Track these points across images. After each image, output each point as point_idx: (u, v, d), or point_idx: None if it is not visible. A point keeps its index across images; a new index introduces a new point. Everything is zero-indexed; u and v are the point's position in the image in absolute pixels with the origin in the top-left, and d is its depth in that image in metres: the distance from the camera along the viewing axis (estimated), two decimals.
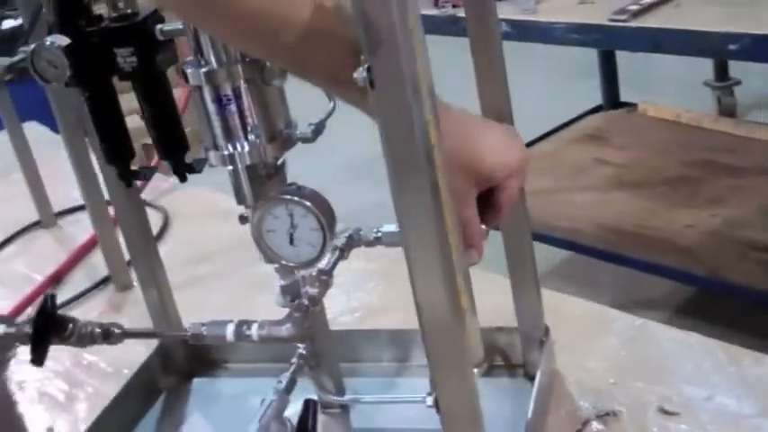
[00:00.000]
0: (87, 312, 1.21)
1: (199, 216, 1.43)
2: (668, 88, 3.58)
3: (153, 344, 0.97)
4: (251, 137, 0.72)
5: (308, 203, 0.67)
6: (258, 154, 0.73)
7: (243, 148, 0.72)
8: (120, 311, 1.19)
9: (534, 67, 4.03)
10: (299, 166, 0.81)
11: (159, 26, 0.74)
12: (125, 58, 0.74)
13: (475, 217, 0.72)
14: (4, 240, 1.46)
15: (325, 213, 0.67)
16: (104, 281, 1.26)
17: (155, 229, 1.40)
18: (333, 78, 0.64)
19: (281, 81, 0.69)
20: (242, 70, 0.70)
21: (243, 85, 0.71)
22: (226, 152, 0.73)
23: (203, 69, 0.71)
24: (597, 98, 2.84)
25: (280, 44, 0.64)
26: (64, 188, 1.46)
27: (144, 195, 1.51)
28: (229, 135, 0.72)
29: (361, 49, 0.54)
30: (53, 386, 1.04)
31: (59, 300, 1.25)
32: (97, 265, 1.30)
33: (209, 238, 1.33)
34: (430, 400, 0.62)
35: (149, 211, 1.47)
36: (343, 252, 0.78)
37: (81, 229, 1.39)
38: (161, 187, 1.51)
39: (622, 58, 2.80)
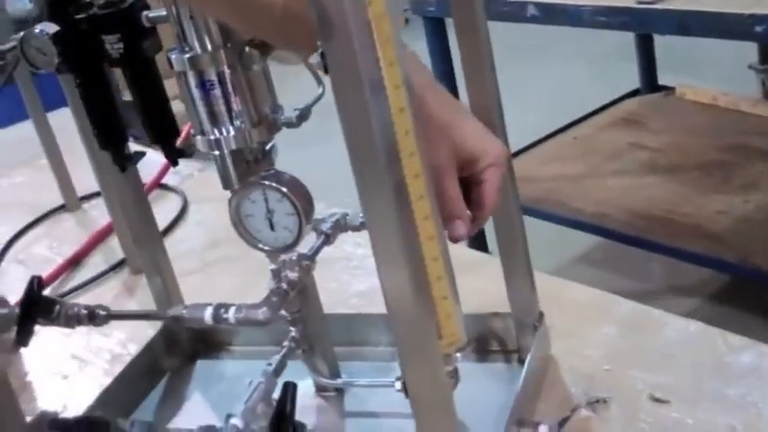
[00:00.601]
0: (103, 293, 1.23)
1: (218, 200, 1.44)
2: (712, 71, 3.51)
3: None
4: (236, 122, 0.73)
5: (283, 189, 0.67)
6: (243, 138, 0.73)
7: (228, 132, 0.73)
8: (134, 294, 1.21)
9: (573, 50, 4.00)
10: (313, 153, 0.81)
11: (145, 13, 0.75)
12: (112, 44, 0.75)
13: (456, 189, 0.72)
14: (28, 224, 1.50)
15: (301, 198, 0.67)
16: (120, 264, 1.28)
17: (173, 213, 1.42)
18: None
19: (260, 65, 0.70)
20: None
21: (226, 70, 0.71)
22: (212, 137, 0.74)
23: (187, 55, 0.71)
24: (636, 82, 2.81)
25: (266, 19, 0.65)
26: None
27: (166, 180, 1.55)
28: (214, 120, 0.73)
29: None
30: (64, 366, 1.06)
31: (77, 281, 1.28)
32: (116, 248, 1.32)
33: (227, 222, 1.35)
34: (398, 385, 0.62)
35: (170, 196, 1.51)
36: (329, 237, 0.79)
37: (104, 212, 1.41)
38: (182, 172, 1.53)
39: (665, 40, 2.75)
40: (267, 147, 0.78)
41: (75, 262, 1.32)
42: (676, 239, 1.92)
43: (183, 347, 1.00)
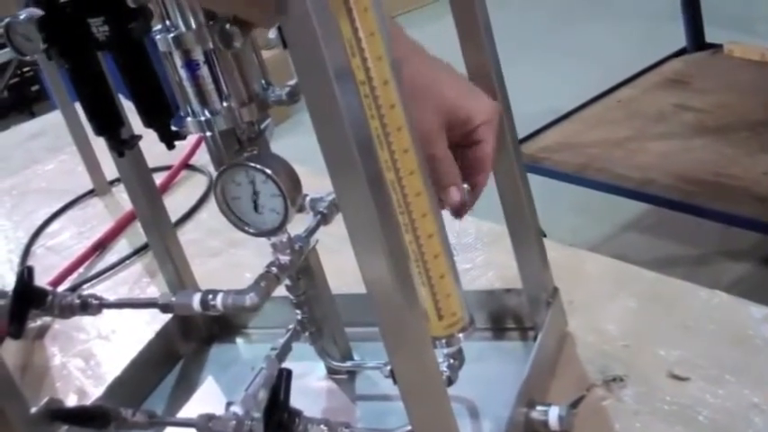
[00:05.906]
0: (126, 278, 1.23)
1: None
2: (763, 27, 3.39)
3: None
4: (224, 101, 0.71)
5: (267, 170, 0.65)
6: (233, 118, 0.71)
7: (217, 112, 0.71)
8: (155, 277, 1.20)
9: (618, 10, 3.90)
10: None
11: None
12: (98, 27, 0.73)
13: (447, 152, 0.69)
14: (59, 209, 1.50)
15: (285, 179, 0.65)
16: (143, 248, 1.27)
17: (198, 194, 1.42)
18: None
19: (241, 42, 0.67)
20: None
21: (212, 49, 0.69)
22: (202, 118, 0.72)
23: (171, 34, 0.69)
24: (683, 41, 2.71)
25: None
26: None
27: (193, 161, 1.54)
28: (202, 100, 0.71)
29: None
30: (86, 351, 1.07)
31: (102, 266, 1.28)
32: (141, 232, 1.32)
33: None
34: (387, 371, 0.60)
35: (198, 176, 1.50)
36: (326, 217, 0.76)
37: None
38: None
39: None
40: (262, 126, 0.75)
41: (101, 247, 1.33)
42: (721, 203, 1.84)
43: (198, 332, 0.99)
